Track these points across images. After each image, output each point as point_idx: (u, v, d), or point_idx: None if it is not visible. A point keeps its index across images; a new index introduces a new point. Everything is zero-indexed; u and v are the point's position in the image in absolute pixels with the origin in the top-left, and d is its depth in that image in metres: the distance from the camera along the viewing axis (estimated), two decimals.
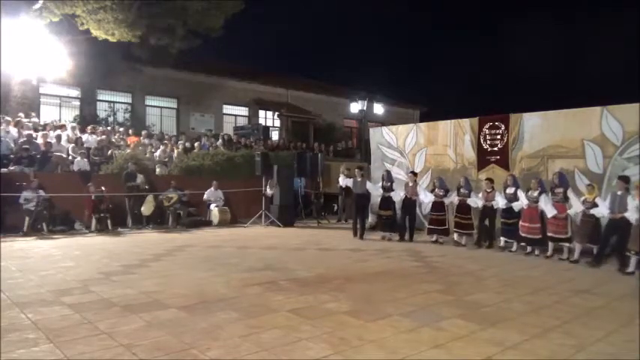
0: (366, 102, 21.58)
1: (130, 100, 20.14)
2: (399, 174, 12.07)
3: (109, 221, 11.31)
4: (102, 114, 19.28)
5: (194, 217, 12.78)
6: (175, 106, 21.43)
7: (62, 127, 14.29)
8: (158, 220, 12.41)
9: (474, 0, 51.59)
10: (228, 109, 23.14)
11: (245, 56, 51.22)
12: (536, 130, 10.01)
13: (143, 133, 15.98)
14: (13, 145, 11.93)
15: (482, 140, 10.83)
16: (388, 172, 10.94)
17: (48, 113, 17.46)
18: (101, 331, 4.14)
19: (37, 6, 13.66)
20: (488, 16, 48.56)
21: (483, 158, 10.80)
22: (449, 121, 11.66)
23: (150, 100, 20.71)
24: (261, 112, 24.13)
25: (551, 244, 8.54)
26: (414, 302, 5.26)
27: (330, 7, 51.99)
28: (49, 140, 12.52)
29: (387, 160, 12.77)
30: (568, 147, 9.45)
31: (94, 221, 11.20)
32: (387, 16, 55.02)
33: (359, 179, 10.81)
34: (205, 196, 13.21)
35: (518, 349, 3.87)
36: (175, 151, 14.80)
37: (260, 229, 12.35)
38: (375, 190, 10.84)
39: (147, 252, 8.40)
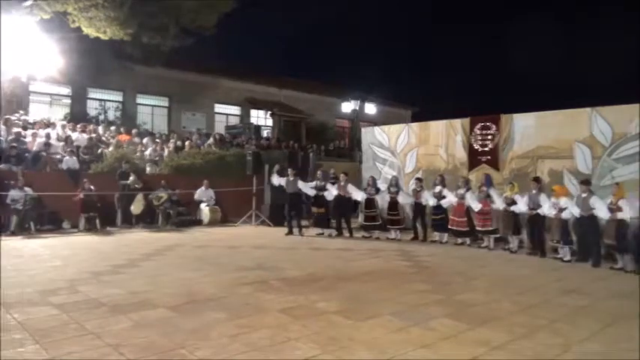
0: (358, 102, 21.66)
1: (121, 99, 20.01)
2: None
3: (97, 220, 11.22)
4: (92, 112, 19.13)
5: (184, 216, 12.70)
6: (167, 104, 21.32)
7: (52, 125, 14.17)
8: (148, 220, 12.33)
9: (472, 0, 51.63)
10: (220, 108, 23.04)
11: (237, 55, 50.97)
12: (527, 130, 10.07)
13: (133, 131, 15.88)
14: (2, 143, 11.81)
15: (473, 140, 10.88)
16: (323, 172, 11.15)
17: (38, 111, 17.28)
18: (88, 331, 4.11)
19: (28, 3, 13.48)
20: (486, 16, 48.60)
21: (474, 158, 10.85)
22: (441, 121, 11.70)
23: (141, 99, 20.58)
24: (254, 112, 24.03)
25: (485, 237, 9.34)
26: (404, 302, 5.27)
27: (323, 6, 51.93)
28: (43, 140, 12.42)
29: (378, 159, 12.78)
30: (558, 148, 9.52)
31: (82, 220, 11.11)
32: (381, 15, 55.10)
33: (291, 179, 11.05)
34: (196, 196, 13.14)
35: (505, 349, 3.90)
36: (166, 149, 14.73)
37: (251, 229, 12.33)
38: (307, 189, 11.04)
39: (136, 251, 8.35)
